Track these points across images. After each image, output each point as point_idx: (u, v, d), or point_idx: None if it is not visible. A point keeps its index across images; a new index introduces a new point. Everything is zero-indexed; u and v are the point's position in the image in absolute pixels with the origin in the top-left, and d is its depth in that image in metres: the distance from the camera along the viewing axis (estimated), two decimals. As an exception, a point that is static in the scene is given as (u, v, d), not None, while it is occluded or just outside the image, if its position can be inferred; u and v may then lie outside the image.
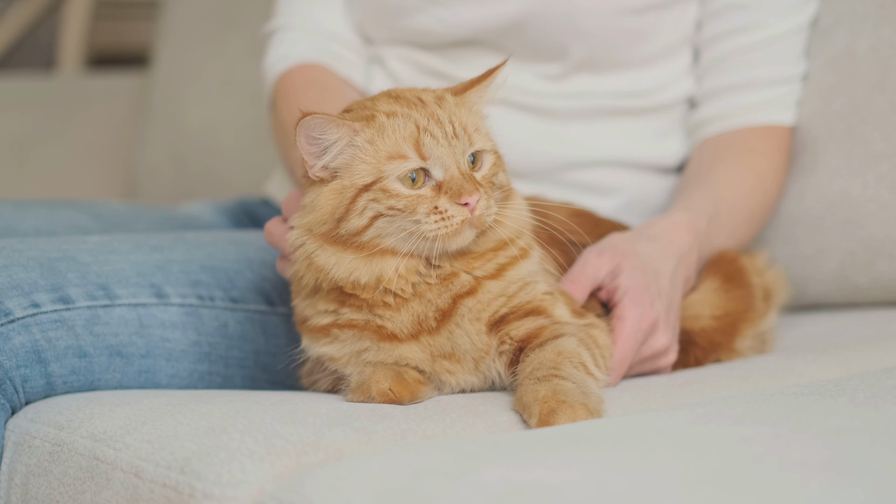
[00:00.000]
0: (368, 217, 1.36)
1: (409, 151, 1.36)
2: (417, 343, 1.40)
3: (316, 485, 1.11)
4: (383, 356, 1.41)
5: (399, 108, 1.39)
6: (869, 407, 1.23)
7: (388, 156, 1.36)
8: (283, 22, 1.97)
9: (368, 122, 1.38)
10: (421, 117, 1.37)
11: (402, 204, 1.35)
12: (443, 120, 1.38)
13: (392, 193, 1.35)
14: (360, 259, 1.37)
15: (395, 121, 1.37)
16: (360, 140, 1.37)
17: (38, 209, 1.89)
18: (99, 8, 3.69)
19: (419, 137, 1.36)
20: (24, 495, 1.42)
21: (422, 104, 1.39)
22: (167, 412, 1.36)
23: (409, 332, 1.40)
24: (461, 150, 1.37)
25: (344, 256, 1.38)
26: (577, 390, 1.31)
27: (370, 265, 1.37)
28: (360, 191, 1.36)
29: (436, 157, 1.36)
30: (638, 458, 1.08)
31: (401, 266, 1.37)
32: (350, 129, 1.36)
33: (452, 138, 1.37)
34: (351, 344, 1.42)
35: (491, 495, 1.01)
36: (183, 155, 2.84)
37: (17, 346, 1.49)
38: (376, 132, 1.37)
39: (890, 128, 1.83)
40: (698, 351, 1.64)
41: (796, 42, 1.87)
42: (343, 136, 1.36)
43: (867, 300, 1.91)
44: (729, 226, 1.77)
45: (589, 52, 1.85)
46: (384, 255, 1.37)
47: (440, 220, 1.35)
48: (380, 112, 1.39)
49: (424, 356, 1.41)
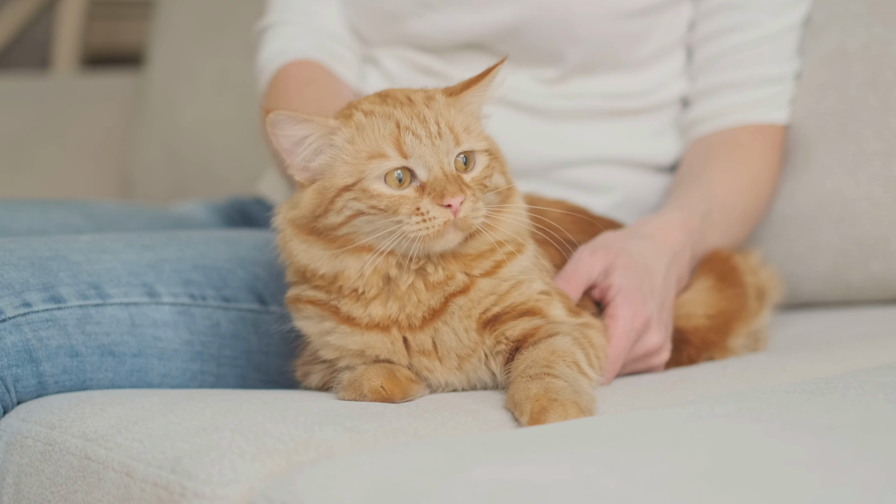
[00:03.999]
0: (346, 215, 1.36)
1: (389, 150, 1.35)
2: (386, 335, 1.40)
3: (307, 484, 1.10)
4: (346, 341, 1.41)
5: (381, 107, 1.38)
6: (860, 404, 1.23)
7: (368, 155, 1.35)
8: (279, 17, 1.97)
9: (346, 121, 1.37)
10: (403, 116, 1.36)
11: (383, 204, 1.34)
12: (428, 119, 1.36)
13: (373, 193, 1.34)
14: (328, 252, 1.38)
15: (373, 119, 1.37)
16: (338, 140, 1.37)
17: (31, 208, 1.89)
18: (93, 7, 3.69)
19: (400, 136, 1.35)
20: (15, 495, 1.42)
21: (409, 103, 1.38)
22: (159, 411, 1.36)
23: (373, 322, 1.40)
24: (445, 150, 1.36)
25: (313, 247, 1.39)
26: (568, 389, 1.31)
27: (335, 260, 1.38)
28: (340, 191, 1.36)
29: (418, 157, 1.35)
30: (629, 456, 1.08)
31: (366, 266, 1.37)
32: (323, 126, 1.36)
33: (436, 138, 1.36)
34: (316, 323, 1.43)
35: (481, 494, 1.01)
36: (177, 154, 2.84)
37: (8, 345, 1.49)
38: (355, 131, 1.36)
39: (882, 126, 1.83)
40: (691, 349, 1.64)
41: (789, 41, 1.87)
42: (314, 131, 1.36)
43: (860, 298, 1.91)
44: (722, 224, 1.77)
45: (585, 56, 1.85)
46: (359, 251, 1.37)
47: (422, 221, 1.34)
48: (359, 111, 1.38)
49: (396, 349, 1.40)
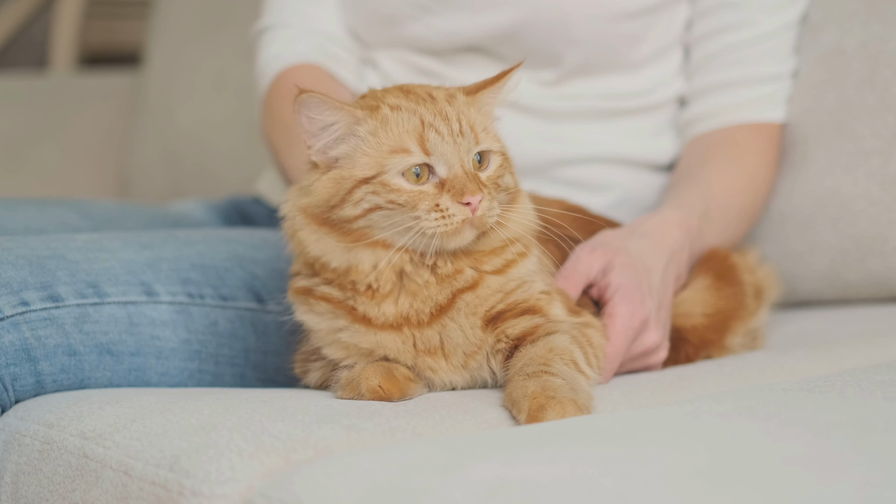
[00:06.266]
0: (363, 208, 1.35)
1: (412, 146, 1.35)
2: (399, 334, 1.40)
3: (304, 482, 1.10)
4: (359, 339, 1.41)
5: (406, 102, 1.38)
6: (858, 403, 1.22)
7: (390, 149, 1.35)
8: (276, 19, 1.97)
9: (372, 113, 1.37)
10: (427, 113, 1.36)
11: (402, 199, 1.34)
12: (450, 117, 1.37)
13: (392, 188, 1.34)
14: (341, 245, 1.37)
15: (399, 114, 1.36)
16: (362, 131, 1.36)
17: (29, 207, 1.89)
18: (91, 7, 3.68)
19: (424, 132, 1.35)
20: (14, 494, 1.42)
21: (431, 100, 1.39)
22: (157, 410, 1.36)
23: (388, 322, 1.39)
24: (466, 149, 1.36)
25: (326, 238, 1.38)
26: (566, 387, 1.31)
27: (348, 253, 1.37)
28: (359, 182, 1.35)
29: (440, 154, 1.35)
30: (627, 454, 1.08)
31: (382, 262, 1.36)
32: (350, 116, 1.36)
33: (458, 136, 1.36)
34: (328, 320, 1.42)
35: (478, 492, 1.01)
36: (175, 153, 2.84)
37: (6, 344, 1.49)
38: (379, 124, 1.36)
39: (880, 124, 1.83)
40: (689, 348, 1.64)
41: (786, 39, 1.87)
42: (341, 119, 1.36)
43: (858, 297, 1.91)
44: (720, 223, 1.77)
45: (583, 58, 1.85)
46: (373, 246, 1.37)
47: (441, 218, 1.34)
48: (385, 104, 1.38)
49: (406, 348, 1.40)
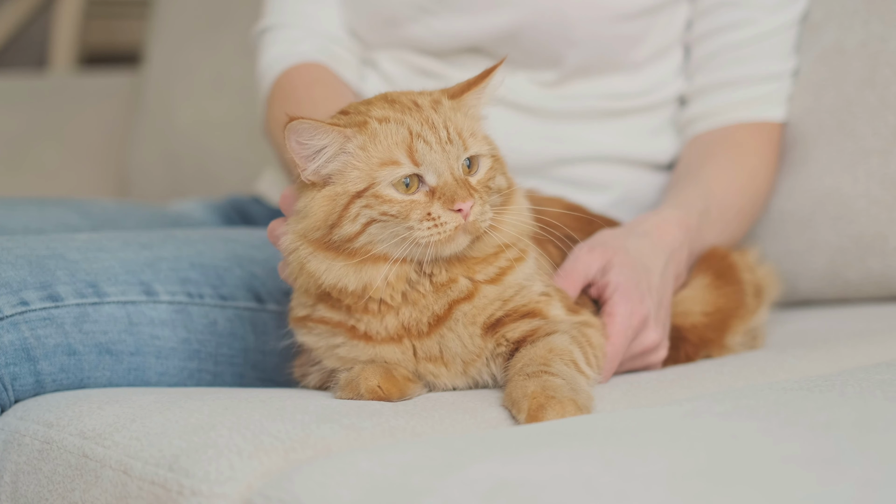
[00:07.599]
0: (361, 223, 1.35)
1: (401, 157, 1.35)
2: (398, 345, 1.40)
3: (304, 481, 1.10)
4: (357, 353, 1.41)
5: (392, 113, 1.38)
6: (858, 402, 1.22)
7: (380, 162, 1.35)
8: (277, 20, 1.97)
9: (360, 129, 1.37)
10: (414, 122, 1.36)
11: (395, 210, 1.34)
12: (437, 125, 1.37)
13: (384, 199, 1.34)
14: (351, 266, 1.36)
15: (387, 126, 1.36)
16: (351, 146, 1.36)
17: (28, 207, 1.89)
18: (91, 6, 3.69)
19: (412, 143, 1.35)
20: (13, 493, 1.42)
21: (417, 108, 1.38)
22: (156, 409, 1.36)
23: (389, 335, 1.40)
24: (455, 156, 1.36)
25: (335, 263, 1.37)
26: (566, 386, 1.31)
27: (360, 273, 1.36)
28: (353, 197, 1.35)
29: (429, 163, 1.35)
30: (626, 453, 1.08)
31: (390, 274, 1.36)
32: (341, 135, 1.36)
33: (446, 143, 1.36)
34: (325, 338, 1.43)
35: (478, 491, 1.01)
36: (175, 153, 2.84)
37: (5, 343, 1.49)
38: (368, 138, 1.36)
39: (880, 123, 1.83)
40: (689, 347, 1.64)
41: (786, 38, 1.87)
42: (333, 141, 1.35)
43: (858, 296, 1.91)
44: (720, 222, 1.77)
45: (583, 59, 1.85)
46: (376, 261, 1.36)
47: (433, 227, 1.34)
48: (372, 118, 1.38)
49: (406, 357, 1.41)
